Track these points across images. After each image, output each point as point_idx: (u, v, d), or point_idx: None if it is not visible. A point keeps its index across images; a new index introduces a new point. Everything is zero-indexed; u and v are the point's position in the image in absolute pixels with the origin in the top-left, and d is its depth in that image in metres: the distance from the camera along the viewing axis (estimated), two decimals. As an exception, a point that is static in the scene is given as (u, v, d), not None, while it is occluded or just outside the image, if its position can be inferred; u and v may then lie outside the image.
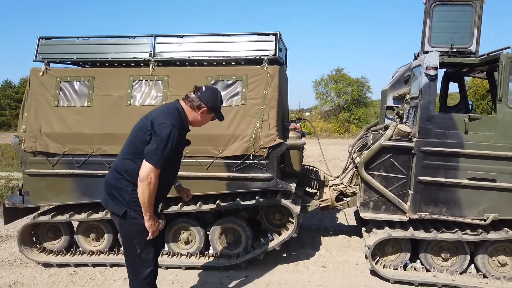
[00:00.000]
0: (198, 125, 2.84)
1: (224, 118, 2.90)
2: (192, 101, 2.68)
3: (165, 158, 2.51)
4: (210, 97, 2.70)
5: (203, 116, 2.73)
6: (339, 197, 4.60)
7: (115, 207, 2.67)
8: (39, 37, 4.19)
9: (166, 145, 2.49)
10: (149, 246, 2.70)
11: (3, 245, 4.99)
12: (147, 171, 2.48)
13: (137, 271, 2.73)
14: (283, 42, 4.43)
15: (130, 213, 2.62)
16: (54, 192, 4.05)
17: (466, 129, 3.58)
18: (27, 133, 4.00)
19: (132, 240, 2.69)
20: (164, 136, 2.49)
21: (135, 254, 2.70)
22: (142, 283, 2.73)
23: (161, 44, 4.12)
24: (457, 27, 4.05)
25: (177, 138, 2.54)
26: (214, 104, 2.73)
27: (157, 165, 2.49)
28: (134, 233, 2.66)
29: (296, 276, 3.93)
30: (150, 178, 2.48)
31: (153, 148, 2.49)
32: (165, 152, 2.50)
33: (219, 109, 2.80)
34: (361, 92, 29.61)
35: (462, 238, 3.65)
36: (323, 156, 4.93)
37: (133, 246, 2.69)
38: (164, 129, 2.51)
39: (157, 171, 2.50)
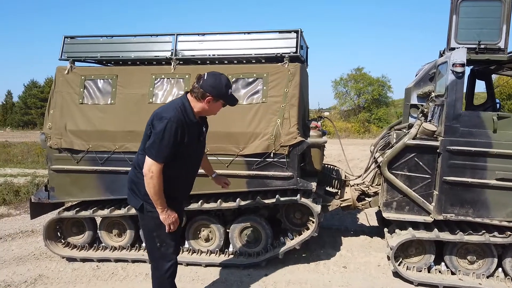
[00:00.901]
0: (209, 114, 2.77)
1: (236, 102, 2.78)
2: (196, 92, 2.61)
3: (164, 151, 2.49)
4: (213, 84, 2.58)
5: (210, 105, 2.64)
6: (360, 197, 4.53)
7: (133, 201, 2.75)
8: (65, 36, 4.29)
9: (162, 139, 2.47)
10: (169, 239, 2.72)
11: (29, 239, 5.12)
12: (148, 165, 2.50)
13: (158, 265, 2.76)
14: (304, 40, 4.39)
15: (146, 206, 2.66)
16: (78, 188, 4.13)
17: (495, 128, 3.47)
18: (52, 130, 4.09)
19: (151, 234, 2.72)
20: (159, 130, 2.48)
21: (155, 247, 2.73)
22: (163, 277, 2.76)
23: (182, 43, 4.15)
24: (485, 23, 3.92)
25: (175, 131, 2.49)
26: (219, 91, 2.60)
27: (157, 159, 2.49)
28: (153, 226, 2.69)
29: (316, 276, 3.89)
30: (151, 172, 2.49)
31: (151, 142, 2.51)
32: (162, 145, 2.48)
33: (226, 95, 2.64)
34: (382, 92, 29.19)
35: (489, 240, 3.54)
36: (344, 155, 4.86)
37: (153, 240, 2.72)
38: (160, 123, 2.49)
39: (158, 165, 2.49)
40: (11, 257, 4.50)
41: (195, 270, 4.00)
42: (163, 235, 2.69)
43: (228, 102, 2.71)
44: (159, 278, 2.79)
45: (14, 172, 10.46)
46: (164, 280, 2.78)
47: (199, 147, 2.84)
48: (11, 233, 5.38)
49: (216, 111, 2.76)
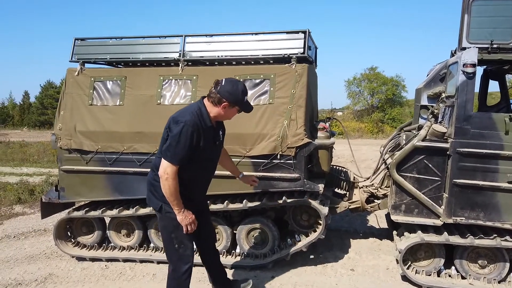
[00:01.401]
0: (224, 119, 2.86)
1: (251, 109, 2.87)
2: (213, 97, 2.68)
3: (179, 154, 2.56)
4: (230, 91, 2.65)
5: (226, 110, 2.71)
6: (369, 199, 4.48)
7: (152, 203, 2.83)
8: (75, 38, 4.34)
9: (178, 141, 2.55)
10: (186, 241, 2.79)
11: (41, 238, 5.21)
12: (163, 167, 2.58)
13: (176, 267, 2.83)
14: (312, 40, 4.36)
15: (164, 207, 2.73)
16: (88, 188, 4.19)
17: (507, 130, 3.39)
18: (63, 131, 4.16)
19: (169, 235, 2.80)
20: (175, 133, 2.56)
21: (173, 249, 2.80)
22: (181, 278, 2.83)
23: (190, 44, 4.16)
24: (498, 22, 3.83)
25: (191, 134, 2.57)
26: (235, 98, 2.68)
27: (172, 161, 2.56)
28: (171, 227, 2.77)
29: (323, 279, 3.86)
30: (167, 173, 2.56)
31: (167, 145, 2.60)
32: (178, 148, 2.55)
33: (242, 102, 2.72)
34: (396, 91, 28.86)
35: (501, 244, 3.45)
36: (353, 156, 4.81)
37: (171, 241, 2.79)
38: (176, 126, 2.58)
39: (173, 167, 2.56)
40: (23, 255, 4.59)
41: (202, 270, 3.98)
42: (181, 236, 2.76)
43: (244, 109, 2.79)
44: (177, 280, 2.84)
45: (30, 171, 10.68)
46: (181, 282, 2.84)
47: (214, 151, 2.91)
48: (24, 232, 5.48)
49: (231, 117, 2.84)
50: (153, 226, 4.28)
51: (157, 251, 4.29)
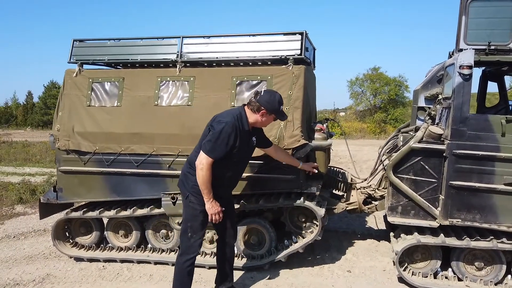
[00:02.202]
0: (262, 126, 3.19)
1: (286, 118, 3.26)
2: (252, 105, 3.04)
3: (217, 149, 2.88)
4: (268, 100, 3.00)
5: (263, 117, 3.05)
6: (367, 200, 4.48)
7: (182, 190, 3.16)
8: (73, 39, 4.36)
9: (218, 138, 2.87)
10: (199, 232, 3.11)
11: (40, 239, 5.24)
12: (200, 158, 2.90)
13: (183, 252, 3.12)
14: (310, 42, 4.36)
15: (190, 197, 3.06)
16: (85, 189, 4.21)
17: (503, 132, 3.37)
18: (61, 132, 4.18)
19: (186, 223, 3.11)
20: (217, 131, 2.88)
21: (186, 237, 3.09)
22: (183, 265, 3.08)
23: (188, 45, 4.17)
24: (495, 24, 3.81)
25: (230, 134, 2.89)
26: (272, 107, 3.01)
27: (210, 154, 2.88)
28: (190, 216, 3.08)
29: (320, 280, 3.86)
30: (202, 164, 2.88)
31: (208, 140, 2.91)
32: (217, 143, 2.87)
33: (278, 110, 3.05)
34: (399, 92, 28.78)
35: (497, 246, 3.45)
36: (350, 157, 4.82)
37: (186, 229, 3.09)
38: (218, 124, 2.91)
39: (209, 159, 2.88)
40: (22, 255, 4.61)
41: (198, 272, 4.00)
42: (196, 227, 3.08)
43: (279, 117, 3.13)
44: (180, 265, 3.10)
45: (32, 171, 10.74)
46: (183, 268, 3.08)
47: (247, 153, 3.24)
48: (24, 232, 5.52)
49: (268, 124, 3.20)
50: (151, 227, 4.30)
51: (154, 252, 4.30)
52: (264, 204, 3.90)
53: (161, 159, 3.99)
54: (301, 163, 3.66)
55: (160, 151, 3.98)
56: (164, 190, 3.97)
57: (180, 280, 3.12)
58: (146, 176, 4.06)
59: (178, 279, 3.12)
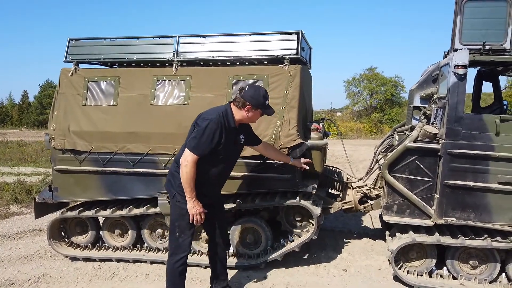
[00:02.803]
0: (249, 122, 3.16)
1: (273, 112, 3.16)
2: (238, 101, 3.01)
3: (201, 146, 2.85)
4: (252, 95, 2.98)
5: (249, 112, 3.02)
6: (363, 199, 4.49)
7: (168, 189, 3.14)
8: (69, 38, 4.35)
9: (202, 135, 2.85)
10: (187, 231, 3.06)
11: (36, 238, 5.22)
12: (185, 155, 2.87)
13: (172, 252, 3.08)
14: (306, 41, 4.37)
15: (177, 196, 3.02)
16: (81, 188, 4.20)
17: (498, 131, 3.40)
18: (56, 131, 4.17)
19: (174, 223, 3.08)
20: (202, 127, 2.86)
21: (174, 236, 3.06)
22: (174, 266, 3.05)
23: (184, 44, 4.17)
24: (490, 24, 3.84)
25: (214, 130, 2.86)
26: (257, 101, 2.98)
27: (194, 151, 2.85)
28: (177, 216, 3.05)
29: (316, 279, 3.87)
30: (187, 161, 2.85)
31: (192, 137, 2.89)
32: (201, 140, 2.85)
33: (263, 105, 3.02)
34: (395, 92, 28.86)
35: (491, 245, 3.47)
36: (346, 157, 4.82)
37: (174, 229, 3.06)
38: (203, 121, 2.89)
39: (193, 156, 2.85)
40: (17, 255, 4.60)
41: (194, 271, 4.02)
42: (183, 226, 3.03)
43: (265, 111, 3.08)
44: (171, 266, 3.07)
45: (28, 171, 10.69)
46: (174, 269, 3.05)
47: (233, 151, 3.19)
48: (19, 232, 5.50)
49: (255, 120, 3.16)
50: (147, 226, 4.29)
51: (150, 251, 4.30)
52: (260, 203, 3.90)
53: (157, 159, 3.99)
54: (292, 159, 3.64)
55: (156, 150, 3.98)
56: (160, 189, 3.96)
57: (172, 281, 3.08)
58: (142, 175, 4.05)
59: (171, 280, 3.09)
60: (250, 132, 3.32)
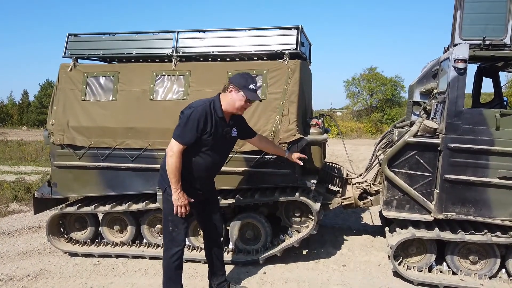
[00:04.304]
0: (235, 109, 2.97)
1: (256, 97, 3.00)
2: (225, 86, 3.01)
3: (186, 134, 2.80)
4: (237, 77, 2.97)
5: (233, 95, 2.93)
6: (362, 195, 4.48)
7: (160, 183, 3.09)
8: (68, 33, 4.35)
9: (186, 123, 2.80)
10: (181, 225, 3.01)
11: (35, 235, 5.21)
12: (171, 145, 2.83)
13: (167, 247, 3.04)
14: (306, 37, 4.37)
15: (168, 190, 2.96)
16: (80, 184, 4.19)
17: (497, 126, 3.39)
18: (55, 127, 4.16)
19: (167, 217, 3.03)
20: (185, 115, 2.83)
21: (167, 231, 3.03)
22: (170, 260, 3.02)
23: (183, 40, 4.16)
24: (490, 19, 3.84)
25: (198, 118, 2.80)
26: (240, 81, 2.92)
27: (178, 139, 2.81)
28: (170, 210, 2.98)
29: (315, 274, 3.86)
30: (172, 151, 2.80)
31: (177, 125, 2.87)
32: (186, 129, 2.80)
33: (246, 86, 2.91)
34: (395, 92, 28.79)
35: (491, 240, 3.46)
36: (346, 152, 4.82)
37: (167, 223, 3.03)
38: (187, 110, 2.88)
39: (179, 145, 2.80)
40: (17, 251, 4.59)
41: (194, 266, 4.02)
42: (176, 220, 2.98)
43: (248, 94, 2.92)
44: (167, 261, 3.04)
45: (27, 170, 10.68)
46: (170, 263, 3.02)
47: (224, 144, 3.09)
48: (19, 229, 5.49)
49: (240, 106, 2.96)
50: (146, 222, 4.28)
51: (149, 247, 4.29)
52: (260, 198, 3.89)
53: (156, 154, 3.98)
54: (287, 152, 3.59)
55: (155, 146, 3.97)
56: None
57: (169, 276, 3.05)
58: (141, 170, 4.04)
59: (167, 275, 3.06)
60: (243, 125, 3.26)
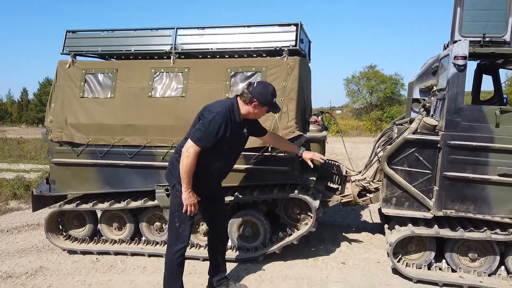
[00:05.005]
0: (254, 117, 3.09)
1: (279, 110, 3.13)
2: (245, 96, 2.96)
3: (205, 138, 2.81)
4: (261, 92, 2.92)
5: (256, 109, 2.97)
6: (361, 192, 4.46)
7: (169, 179, 3.09)
8: (66, 30, 4.33)
9: (207, 127, 2.80)
10: (187, 222, 3.02)
11: (34, 232, 5.21)
12: (187, 146, 2.84)
13: (172, 243, 3.04)
14: (305, 34, 4.35)
15: (177, 186, 2.97)
16: (79, 181, 4.17)
17: (497, 122, 3.38)
18: (53, 124, 4.14)
19: (174, 213, 3.04)
20: (208, 119, 2.82)
21: (174, 226, 3.03)
22: (173, 257, 3.02)
23: (182, 36, 4.15)
24: (490, 16, 3.81)
25: (220, 124, 2.82)
26: (265, 98, 2.93)
27: (198, 142, 2.81)
28: (177, 206, 2.99)
29: (314, 272, 3.85)
30: (188, 152, 2.81)
31: (197, 128, 2.86)
32: (206, 133, 2.80)
33: (270, 102, 2.97)
34: (395, 90, 28.79)
35: (491, 237, 3.45)
36: (345, 150, 4.80)
37: (174, 219, 3.03)
38: (209, 114, 2.84)
39: (196, 147, 2.81)
40: (15, 249, 4.58)
41: (192, 264, 4.01)
42: (183, 216, 2.99)
43: (272, 109, 3.03)
44: (170, 257, 3.03)
45: (27, 168, 10.66)
46: (173, 259, 3.02)
47: (237, 145, 3.13)
48: (17, 226, 5.47)
49: (260, 116, 3.11)
50: (145, 219, 4.27)
51: (148, 244, 4.28)
52: (259, 196, 3.88)
53: (155, 151, 3.97)
54: (302, 150, 3.56)
55: (154, 143, 3.96)
56: (158, 182, 3.93)
57: (171, 272, 3.04)
58: (140, 168, 4.03)
59: (169, 271, 3.05)
60: (256, 124, 3.26)
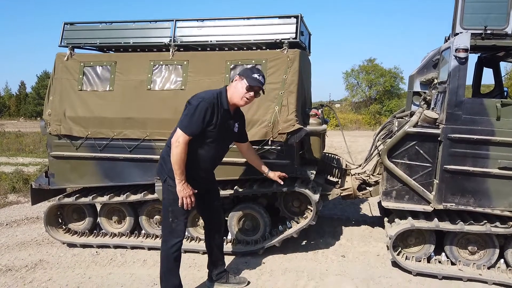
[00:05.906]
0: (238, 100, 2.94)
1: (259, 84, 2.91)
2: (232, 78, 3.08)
3: (193, 125, 2.77)
4: (244, 69, 3.02)
5: (237, 84, 2.92)
6: (361, 186, 4.47)
7: (159, 174, 3.05)
8: (64, 22, 4.29)
9: (193, 114, 2.76)
10: (181, 216, 2.97)
11: (33, 226, 5.20)
12: (177, 135, 2.79)
13: (166, 239, 3.00)
14: (305, 26, 4.31)
15: (168, 180, 2.93)
16: (78, 174, 4.16)
17: (498, 115, 3.36)
18: (52, 117, 4.11)
19: (167, 208, 2.99)
20: (193, 106, 2.79)
21: (167, 222, 2.98)
22: (169, 251, 2.98)
23: (181, 29, 4.11)
24: (492, 8, 3.78)
25: (205, 110, 2.78)
26: (245, 71, 2.94)
27: (185, 130, 2.76)
28: (170, 200, 2.95)
29: (314, 265, 3.86)
30: (178, 141, 2.76)
31: (183, 116, 2.82)
32: (192, 119, 2.76)
33: (250, 74, 2.90)
34: (394, 83, 28.76)
35: (490, 230, 3.45)
36: (345, 144, 4.80)
37: (167, 214, 2.98)
38: (195, 100, 2.82)
39: (185, 136, 2.76)
40: (15, 242, 4.57)
41: (192, 257, 4.01)
42: (176, 211, 2.94)
43: (249, 81, 2.89)
44: (165, 251, 2.99)
45: (25, 161, 10.66)
46: (169, 254, 2.97)
47: (227, 136, 3.09)
48: (17, 220, 5.47)
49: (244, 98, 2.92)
50: (144, 212, 4.26)
51: (148, 238, 4.28)
52: (259, 189, 3.87)
53: (154, 144, 3.95)
54: (269, 171, 3.52)
55: (153, 136, 3.94)
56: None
57: (167, 267, 3.01)
58: (139, 161, 4.02)
59: (165, 266, 3.02)
60: (242, 126, 3.22)
